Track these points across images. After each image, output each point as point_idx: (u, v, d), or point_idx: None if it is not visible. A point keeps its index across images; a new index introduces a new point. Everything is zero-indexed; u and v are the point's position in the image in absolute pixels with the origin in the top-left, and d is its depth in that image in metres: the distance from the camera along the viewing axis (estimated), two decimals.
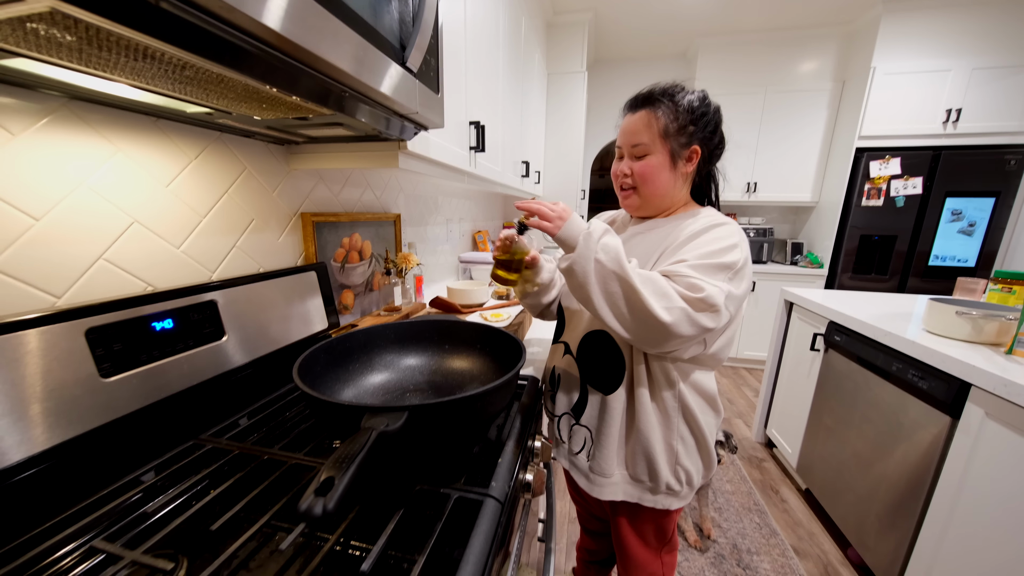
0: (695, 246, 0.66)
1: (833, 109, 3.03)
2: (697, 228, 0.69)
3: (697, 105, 0.70)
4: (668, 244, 0.71)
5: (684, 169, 0.73)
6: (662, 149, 0.70)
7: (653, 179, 0.72)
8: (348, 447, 0.38)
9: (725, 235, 0.67)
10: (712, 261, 0.64)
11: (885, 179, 2.77)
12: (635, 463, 0.76)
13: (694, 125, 0.70)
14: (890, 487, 1.30)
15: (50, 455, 0.47)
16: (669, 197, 0.75)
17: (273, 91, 0.50)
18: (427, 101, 0.75)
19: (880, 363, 1.37)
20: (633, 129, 0.72)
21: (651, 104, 0.70)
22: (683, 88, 0.71)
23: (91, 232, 0.58)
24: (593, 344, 0.77)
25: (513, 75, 1.85)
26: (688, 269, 0.63)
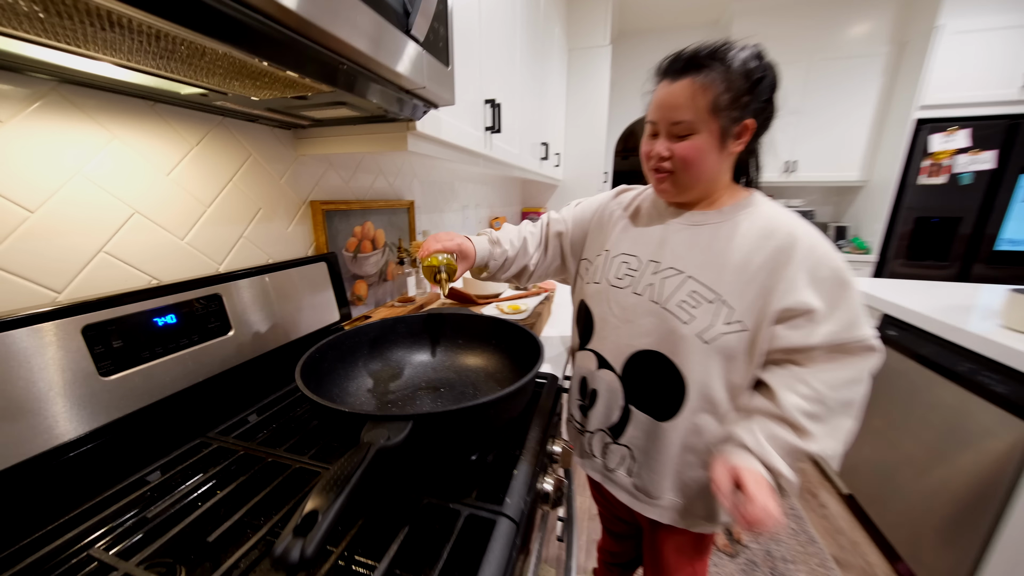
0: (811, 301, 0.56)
1: (888, 76, 2.72)
2: (776, 247, 0.58)
3: (754, 67, 0.56)
4: (727, 261, 0.60)
5: (733, 149, 0.60)
6: (711, 127, 0.57)
7: (698, 163, 0.60)
8: (341, 467, 0.34)
9: (826, 258, 0.57)
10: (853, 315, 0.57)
11: (949, 153, 2.48)
12: (691, 498, 0.68)
13: (750, 94, 0.57)
14: (952, 498, 1.17)
15: (49, 457, 0.46)
16: (713, 182, 0.64)
17: (263, 64, 0.45)
18: (436, 75, 0.69)
19: (945, 362, 1.23)
20: (673, 102, 0.58)
21: (697, 70, 0.57)
22: (732, 46, 0.57)
23: (90, 224, 0.55)
24: (645, 366, 0.66)
25: (531, 51, 1.74)
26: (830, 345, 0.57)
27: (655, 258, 0.66)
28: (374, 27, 0.50)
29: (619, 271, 0.70)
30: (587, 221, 0.82)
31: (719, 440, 0.64)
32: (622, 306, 0.68)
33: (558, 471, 0.70)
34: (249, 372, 0.71)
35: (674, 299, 0.62)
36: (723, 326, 0.59)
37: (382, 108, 0.69)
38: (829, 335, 0.57)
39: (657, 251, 0.67)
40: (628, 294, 0.68)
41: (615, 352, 0.70)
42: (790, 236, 0.58)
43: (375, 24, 0.50)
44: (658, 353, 0.64)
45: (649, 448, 0.69)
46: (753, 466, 0.58)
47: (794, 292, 0.57)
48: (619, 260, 0.71)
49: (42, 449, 0.46)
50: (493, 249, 0.79)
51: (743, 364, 0.61)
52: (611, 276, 0.71)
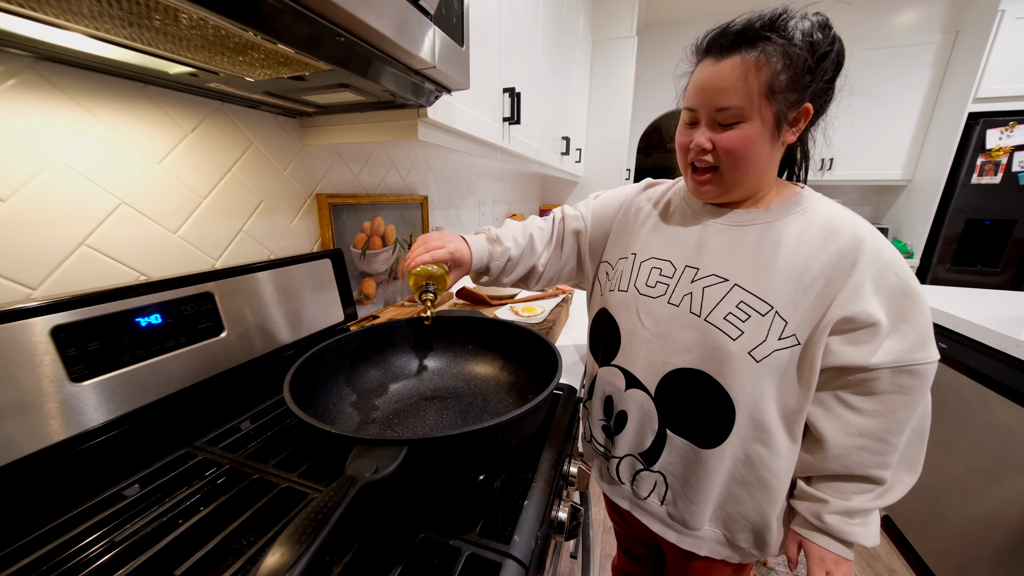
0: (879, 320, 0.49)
1: (940, 67, 2.52)
2: (838, 250, 0.50)
3: (819, 39, 0.46)
4: (780, 267, 0.52)
5: (787, 138, 0.51)
6: (765, 113, 0.48)
7: (747, 157, 0.51)
8: (315, 511, 0.28)
9: (894, 265, 0.49)
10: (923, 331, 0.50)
11: (1006, 150, 2.28)
12: (736, 530, 0.61)
13: (811, 73, 0.47)
14: (1011, 531, 1.05)
15: (8, 473, 0.42)
16: (762, 176, 0.54)
17: (247, 34, 0.40)
18: (448, 54, 0.62)
19: (1006, 380, 1.10)
20: (720, 85, 0.49)
21: (751, 44, 0.47)
22: (793, 14, 0.48)
23: (70, 214, 0.51)
24: (685, 386, 0.58)
25: (554, 40, 1.66)
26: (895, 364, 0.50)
27: (693, 263, 0.58)
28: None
29: (650, 278, 0.62)
30: (609, 218, 0.73)
31: (775, 474, 0.56)
32: (654, 318, 0.60)
33: (573, 496, 0.63)
34: (244, 376, 0.66)
35: (719, 311, 0.54)
36: (776, 342, 0.51)
37: (389, 91, 0.63)
38: (895, 354, 0.50)
39: (695, 255, 0.58)
40: (662, 304, 0.59)
41: (648, 370, 0.61)
42: (855, 238, 0.50)
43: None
44: (701, 372, 0.56)
45: (688, 476, 0.61)
46: (836, 551, 0.56)
47: (858, 301, 0.48)
48: (649, 265, 0.62)
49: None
50: (493, 248, 0.70)
51: (797, 385, 0.53)
52: (640, 283, 0.62)
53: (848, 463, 0.53)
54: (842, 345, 0.50)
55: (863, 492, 0.54)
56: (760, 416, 0.54)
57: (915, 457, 0.54)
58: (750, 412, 0.54)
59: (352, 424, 0.58)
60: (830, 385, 0.53)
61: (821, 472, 0.56)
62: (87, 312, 0.47)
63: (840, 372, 0.52)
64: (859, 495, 0.54)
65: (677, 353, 0.58)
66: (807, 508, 0.57)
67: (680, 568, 0.73)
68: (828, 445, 0.54)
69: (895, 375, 0.50)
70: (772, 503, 0.57)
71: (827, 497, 0.55)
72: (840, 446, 0.53)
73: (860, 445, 0.52)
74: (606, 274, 0.71)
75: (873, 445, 0.52)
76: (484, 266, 0.70)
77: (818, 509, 0.56)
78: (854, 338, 0.50)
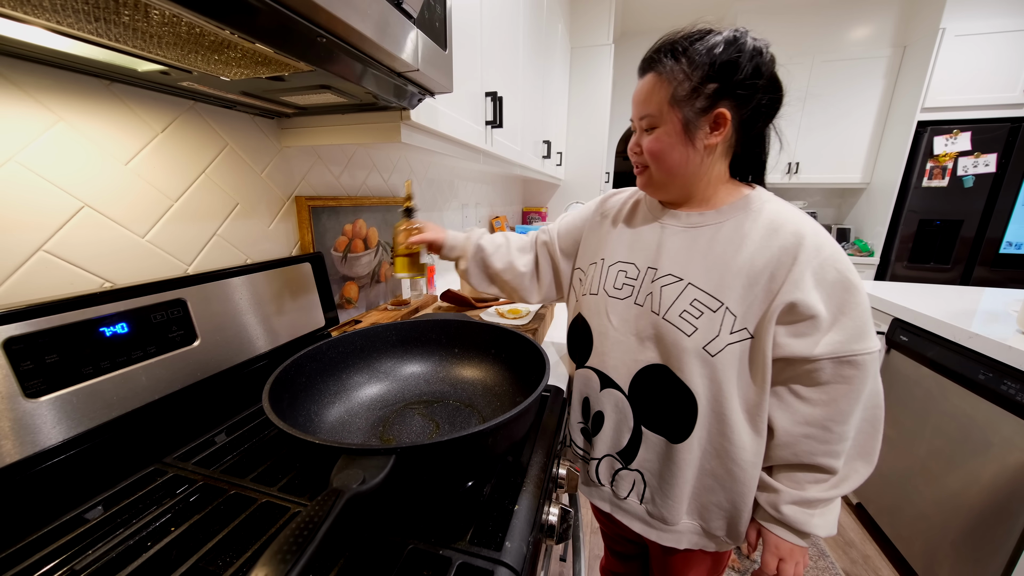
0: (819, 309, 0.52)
1: (891, 79, 2.70)
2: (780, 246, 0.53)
3: (720, 52, 0.52)
4: (730, 264, 0.55)
5: (708, 141, 0.55)
6: (673, 119, 0.55)
7: (664, 157, 0.57)
8: (299, 527, 0.27)
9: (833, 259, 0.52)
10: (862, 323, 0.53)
11: (951, 156, 2.45)
12: (710, 519, 0.63)
13: (717, 81, 0.52)
14: (971, 513, 1.12)
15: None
16: (692, 177, 0.58)
17: (223, 32, 0.38)
18: (431, 57, 0.62)
19: (962, 369, 1.18)
20: (639, 97, 0.58)
21: (659, 62, 0.55)
22: (705, 33, 0.54)
23: (26, 218, 0.48)
24: (654, 382, 0.61)
25: (534, 47, 1.68)
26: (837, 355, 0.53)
27: (653, 264, 0.62)
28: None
29: (617, 280, 0.65)
30: (578, 228, 0.77)
31: (741, 466, 0.59)
32: (623, 318, 0.63)
33: (563, 498, 0.63)
34: (219, 386, 0.63)
35: (675, 309, 0.58)
36: (728, 336, 0.55)
37: (371, 93, 0.62)
38: (835, 345, 0.52)
39: (654, 257, 0.62)
40: (629, 305, 0.63)
41: (620, 369, 0.64)
42: (796, 235, 0.53)
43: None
44: (665, 368, 0.59)
45: (663, 472, 0.63)
46: (791, 540, 0.59)
47: (798, 291, 0.52)
48: (616, 268, 0.66)
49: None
50: (469, 234, 0.81)
51: (753, 377, 0.56)
52: (608, 286, 0.66)
53: (796, 451, 0.57)
54: (787, 337, 0.54)
55: (818, 482, 0.57)
56: (721, 409, 0.57)
57: (870, 448, 0.57)
58: (711, 405, 0.57)
59: (336, 433, 0.56)
60: (781, 377, 0.57)
61: (775, 461, 0.60)
62: (45, 322, 0.44)
63: (788, 364, 0.55)
64: (814, 484, 0.57)
65: (644, 351, 0.61)
66: (765, 499, 0.60)
67: (662, 564, 0.74)
68: (777, 433, 0.58)
69: (836, 365, 0.53)
70: (742, 494, 0.60)
71: (783, 488, 0.59)
72: (788, 434, 0.57)
73: (806, 433, 0.56)
74: (579, 280, 0.74)
75: (818, 433, 0.55)
76: (454, 245, 0.80)
77: (775, 500, 0.59)
78: (797, 330, 0.53)
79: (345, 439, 0.55)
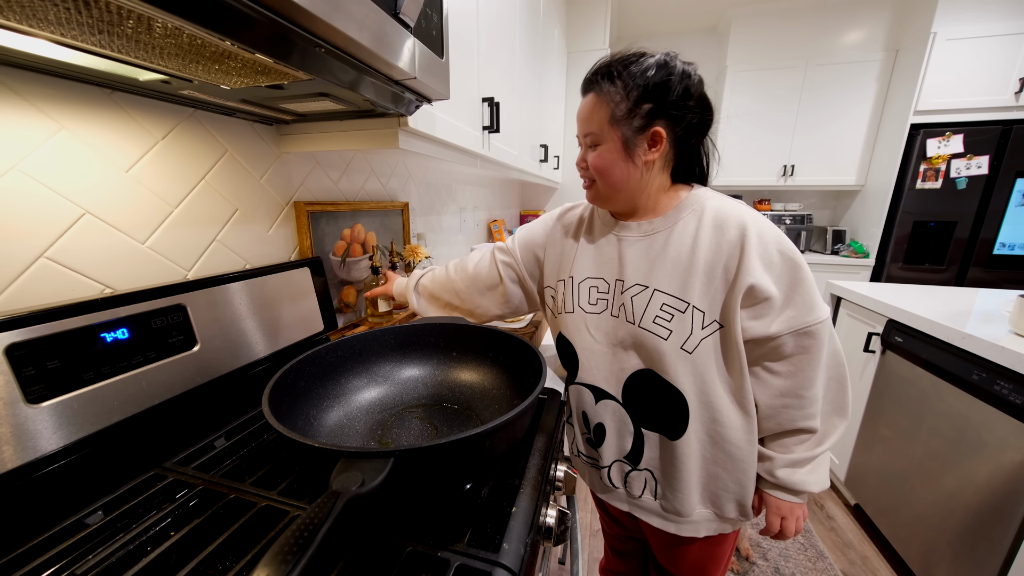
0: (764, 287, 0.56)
1: (884, 82, 2.73)
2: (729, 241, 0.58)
3: (653, 75, 0.56)
4: (687, 265, 0.59)
5: (647, 157, 0.59)
6: (614, 137, 0.59)
7: (607, 171, 0.61)
8: (300, 529, 0.27)
9: (774, 242, 0.57)
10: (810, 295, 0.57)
11: (944, 158, 2.48)
12: (722, 503, 0.66)
13: (651, 102, 0.56)
14: (967, 512, 1.12)
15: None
16: (635, 190, 0.62)
17: (224, 43, 0.39)
18: (428, 65, 0.63)
19: (956, 370, 1.19)
20: (582, 116, 0.62)
21: (598, 84, 0.59)
22: (639, 56, 0.57)
23: (28, 225, 0.48)
24: (643, 386, 0.64)
25: (531, 52, 1.70)
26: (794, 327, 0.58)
27: (619, 276, 0.65)
28: (356, 5, 0.44)
29: (591, 296, 0.68)
30: (539, 244, 0.79)
31: (738, 446, 0.63)
32: (603, 331, 0.66)
33: (561, 500, 0.63)
34: (219, 391, 0.64)
35: (648, 316, 0.61)
36: (701, 331, 0.59)
37: (369, 101, 0.63)
38: (791, 320, 0.57)
39: (619, 269, 0.65)
40: (606, 318, 0.66)
41: (611, 379, 0.67)
42: (739, 227, 0.58)
43: (358, 2, 0.44)
44: (651, 371, 0.63)
45: (669, 468, 0.65)
46: (788, 499, 0.65)
47: (751, 276, 0.56)
48: (587, 285, 0.69)
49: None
50: (408, 280, 0.87)
51: (729, 362, 0.60)
52: (583, 303, 0.69)
53: (780, 420, 0.62)
54: (749, 321, 0.58)
55: (803, 443, 0.63)
56: (709, 399, 0.61)
57: (841, 403, 0.62)
58: (700, 398, 0.61)
59: (335, 437, 0.56)
60: (752, 357, 0.61)
61: (763, 432, 0.65)
62: (46, 328, 0.44)
63: (756, 344, 0.59)
64: (800, 446, 0.63)
65: (628, 359, 0.64)
66: (761, 467, 0.65)
67: (671, 555, 0.75)
68: (760, 408, 0.63)
69: (796, 338, 0.58)
70: (745, 471, 0.63)
71: (775, 455, 0.64)
72: (769, 407, 0.62)
73: (784, 404, 0.61)
74: (552, 298, 0.76)
75: (793, 402, 0.61)
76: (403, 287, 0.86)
77: (770, 467, 0.64)
78: (756, 312, 0.58)
79: (344, 443, 0.56)
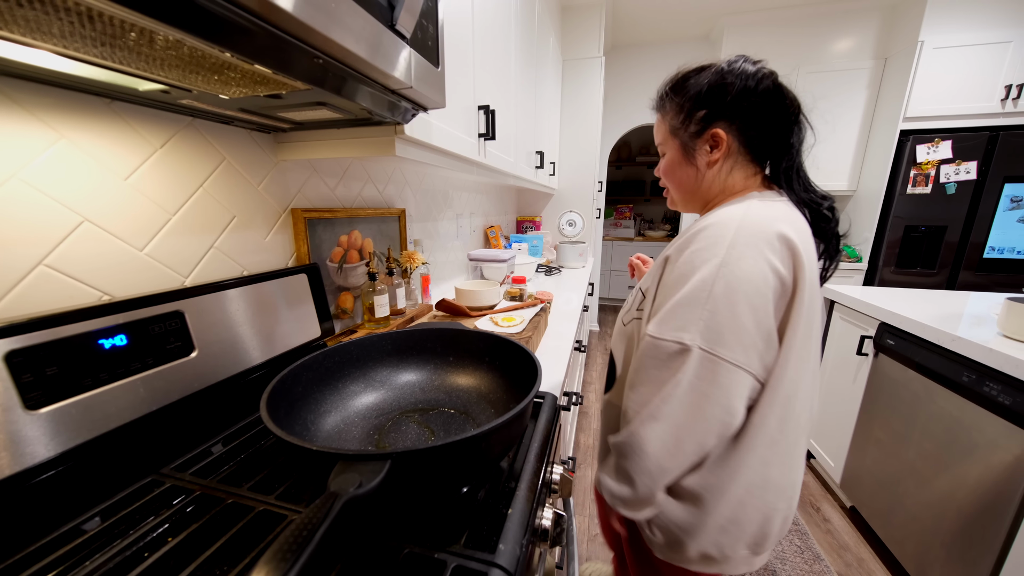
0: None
1: (873, 89, 2.78)
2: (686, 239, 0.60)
3: (707, 82, 0.61)
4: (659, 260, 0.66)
5: (710, 158, 0.63)
6: (674, 145, 0.68)
7: (671, 176, 0.71)
8: (298, 529, 0.28)
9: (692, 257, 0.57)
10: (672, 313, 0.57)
11: (934, 164, 2.52)
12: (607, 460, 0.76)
13: (706, 107, 0.61)
14: (959, 513, 1.14)
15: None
16: (703, 191, 0.67)
17: (224, 55, 0.40)
18: (424, 75, 0.64)
19: (946, 372, 1.21)
20: (654, 133, 0.73)
21: (660, 103, 0.69)
22: (702, 69, 0.63)
23: (28, 233, 0.49)
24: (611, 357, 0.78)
25: (526, 60, 1.72)
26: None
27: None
28: (353, 17, 0.45)
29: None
30: None
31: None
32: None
33: (556, 503, 0.64)
34: (216, 397, 0.64)
35: (631, 295, 0.75)
36: (635, 312, 0.69)
37: (366, 110, 0.64)
38: (653, 327, 0.57)
39: None
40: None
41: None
42: (704, 227, 0.57)
43: (354, 14, 0.45)
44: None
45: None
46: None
47: (666, 277, 0.60)
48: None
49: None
50: None
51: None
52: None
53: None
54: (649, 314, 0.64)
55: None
56: (624, 367, 0.71)
57: (632, 415, 0.65)
58: (622, 364, 0.72)
59: (332, 441, 0.57)
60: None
61: None
62: (45, 335, 0.45)
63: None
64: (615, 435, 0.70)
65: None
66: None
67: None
68: None
69: (649, 344, 0.61)
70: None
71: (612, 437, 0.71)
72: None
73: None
74: None
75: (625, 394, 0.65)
76: None
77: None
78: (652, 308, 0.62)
79: (342, 447, 0.56)
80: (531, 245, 2.40)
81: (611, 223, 4.68)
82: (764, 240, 0.52)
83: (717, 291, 0.51)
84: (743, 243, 0.52)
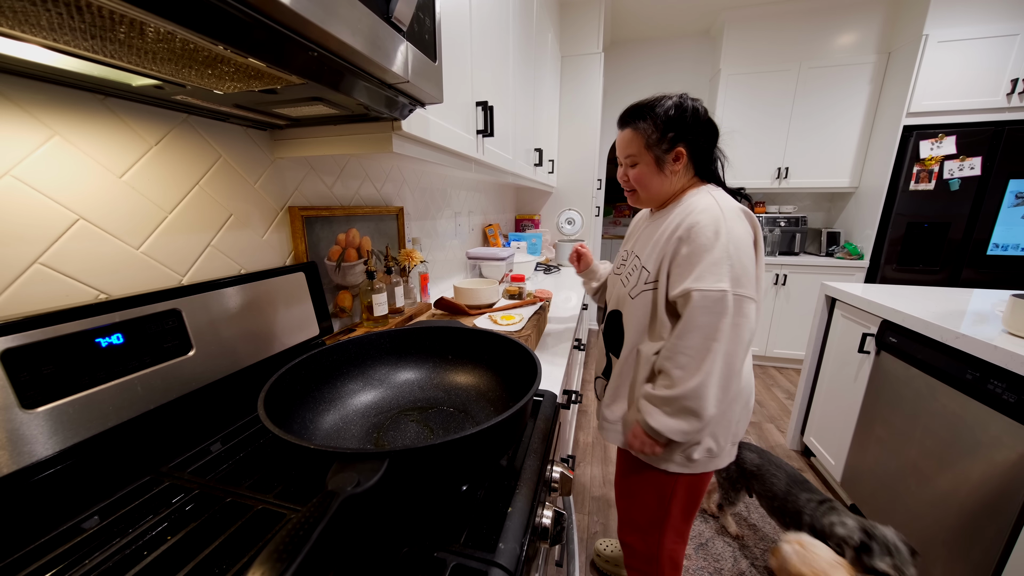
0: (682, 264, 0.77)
1: (876, 84, 2.76)
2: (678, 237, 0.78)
3: (674, 113, 0.79)
4: (654, 239, 0.83)
5: (673, 168, 0.83)
6: (648, 158, 0.83)
7: (645, 183, 0.85)
8: (296, 528, 0.28)
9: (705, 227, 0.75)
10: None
11: (937, 160, 2.50)
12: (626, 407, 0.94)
13: (673, 130, 0.80)
14: (961, 511, 1.13)
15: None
16: (664, 193, 0.86)
17: (217, 48, 0.40)
18: (421, 69, 0.64)
19: (949, 369, 1.20)
20: (622, 143, 0.86)
21: (632, 122, 0.83)
22: (660, 99, 0.81)
23: (22, 232, 0.48)
24: (610, 321, 0.94)
25: (524, 57, 1.71)
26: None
27: (629, 248, 0.94)
28: (348, 9, 0.45)
29: (617, 262, 1.00)
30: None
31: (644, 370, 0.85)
32: (612, 283, 0.98)
33: (557, 502, 0.64)
34: (214, 395, 0.64)
35: (624, 271, 0.91)
36: (643, 286, 0.83)
37: (362, 105, 0.63)
38: (686, 286, 0.74)
39: (634, 244, 0.93)
40: (614, 276, 0.98)
41: (600, 316, 1.01)
42: (692, 216, 0.77)
43: (349, 5, 0.45)
44: (616, 311, 0.91)
45: (612, 378, 0.92)
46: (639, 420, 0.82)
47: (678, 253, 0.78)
48: (620, 253, 1.00)
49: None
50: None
51: (655, 311, 0.81)
52: (616, 265, 1.01)
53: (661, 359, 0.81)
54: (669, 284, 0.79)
55: (660, 382, 0.81)
56: (636, 333, 0.85)
57: (699, 363, 0.76)
58: (631, 330, 0.86)
59: (331, 440, 0.56)
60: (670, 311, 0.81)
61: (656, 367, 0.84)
62: (41, 334, 0.44)
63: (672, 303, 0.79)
64: (659, 383, 0.81)
65: (611, 302, 0.96)
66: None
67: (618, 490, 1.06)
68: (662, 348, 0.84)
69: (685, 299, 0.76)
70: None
71: (647, 385, 0.85)
72: (664, 348, 0.81)
73: (669, 346, 0.79)
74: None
75: (670, 344, 0.78)
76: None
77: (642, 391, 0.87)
78: (672, 279, 0.78)
79: (340, 445, 0.56)
80: (530, 243, 2.39)
81: (610, 221, 4.67)
82: (736, 213, 0.77)
83: (731, 251, 0.73)
84: (730, 217, 0.75)
